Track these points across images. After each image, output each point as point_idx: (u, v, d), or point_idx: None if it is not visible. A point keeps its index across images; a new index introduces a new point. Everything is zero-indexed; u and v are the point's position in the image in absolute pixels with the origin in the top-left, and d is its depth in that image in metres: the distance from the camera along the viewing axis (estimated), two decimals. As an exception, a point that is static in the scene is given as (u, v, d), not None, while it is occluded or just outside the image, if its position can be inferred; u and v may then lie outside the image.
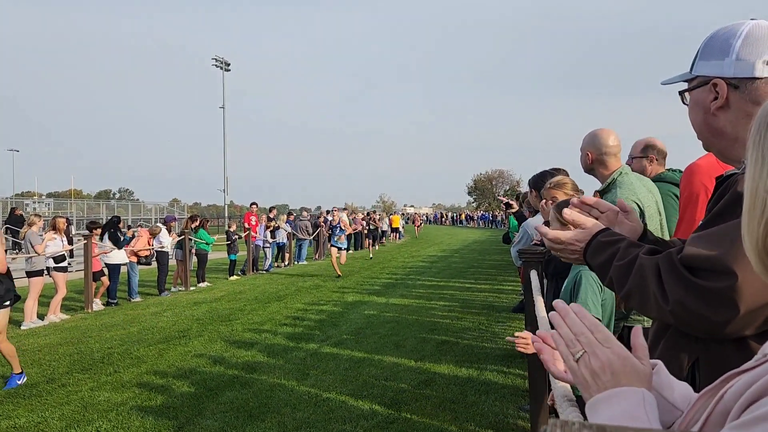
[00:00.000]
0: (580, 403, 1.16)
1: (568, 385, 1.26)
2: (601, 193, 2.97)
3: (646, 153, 3.68)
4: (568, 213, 1.46)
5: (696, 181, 2.27)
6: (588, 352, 0.78)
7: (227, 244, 15.75)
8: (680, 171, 3.55)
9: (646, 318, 2.70)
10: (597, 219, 1.50)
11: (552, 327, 0.88)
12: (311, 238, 20.93)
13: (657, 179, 3.39)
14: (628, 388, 0.74)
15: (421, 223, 47.08)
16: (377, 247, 26.86)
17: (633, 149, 3.78)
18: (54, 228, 9.70)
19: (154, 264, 13.40)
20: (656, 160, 3.63)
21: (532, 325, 4.13)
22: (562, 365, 0.88)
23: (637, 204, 2.74)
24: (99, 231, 10.94)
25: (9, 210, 21.79)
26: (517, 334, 2.54)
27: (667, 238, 2.71)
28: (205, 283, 13.82)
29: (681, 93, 1.37)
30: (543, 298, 3.14)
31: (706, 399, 0.73)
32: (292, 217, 19.88)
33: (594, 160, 2.96)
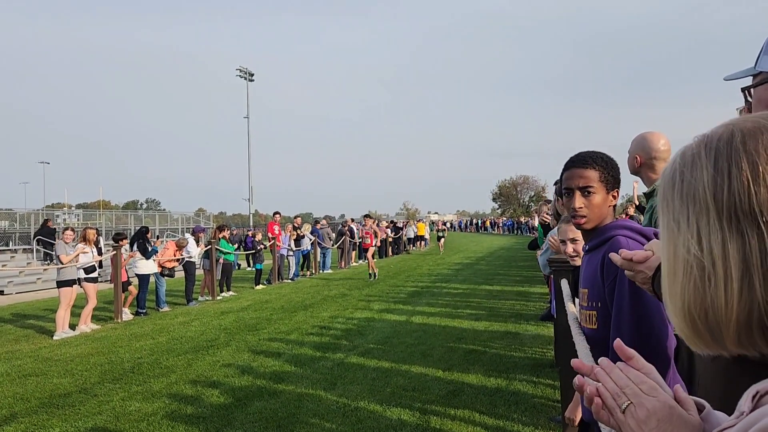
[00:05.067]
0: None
1: None
2: (648, 196, 2.91)
3: None
4: (617, 259, 1.42)
5: None
6: (634, 402, 0.78)
7: (252, 254, 15.85)
8: None
9: None
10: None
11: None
12: (336, 246, 21.00)
13: None
14: None
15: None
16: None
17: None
18: (84, 239, 9.88)
19: (178, 274, 13.57)
20: None
21: (563, 333, 4.07)
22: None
23: None
24: (125, 242, 11.11)
25: (42, 222, 22.29)
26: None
27: None
28: (230, 292, 13.93)
29: (744, 90, 1.31)
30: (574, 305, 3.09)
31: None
32: (318, 226, 19.98)
33: (642, 164, 2.89)
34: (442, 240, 30.19)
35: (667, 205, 0.69)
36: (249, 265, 21.27)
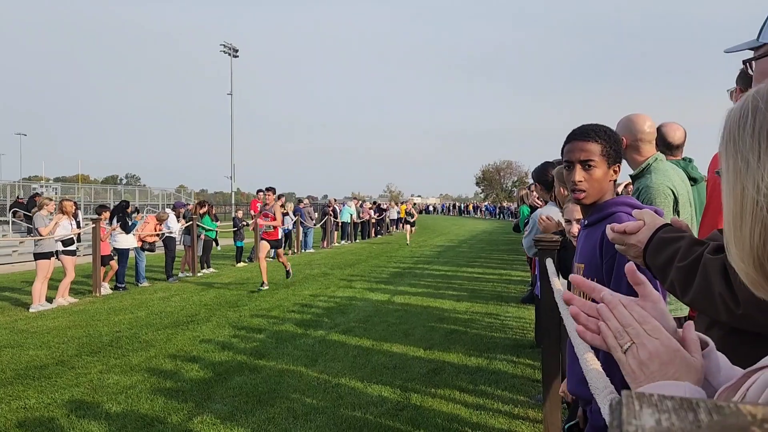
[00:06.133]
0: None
1: (602, 371, 1.22)
2: (634, 178, 2.91)
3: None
4: (615, 230, 1.38)
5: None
6: (636, 343, 0.77)
7: (234, 231, 15.74)
8: (691, 160, 3.47)
9: (681, 306, 2.64)
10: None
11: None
12: (318, 225, 20.95)
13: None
14: (672, 382, 0.72)
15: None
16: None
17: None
18: (61, 211, 9.71)
19: (159, 250, 13.45)
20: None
21: (546, 311, 4.09)
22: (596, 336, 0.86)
23: (672, 190, 2.69)
24: (107, 215, 10.95)
25: (30, 195, 22.03)
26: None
27: (696, 232, 2.64)
28: (210, 269, 13.83)
29: (746, 62, 1.29)
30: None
31: (727, 395, 0.71)
32: (302, 205, 19.87)
33: (628, 146, 2.89)
34: (411, 227, 23.56)
35: (734, 144, 0.66)
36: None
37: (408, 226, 23.51)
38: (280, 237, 10.96)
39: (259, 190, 17.68)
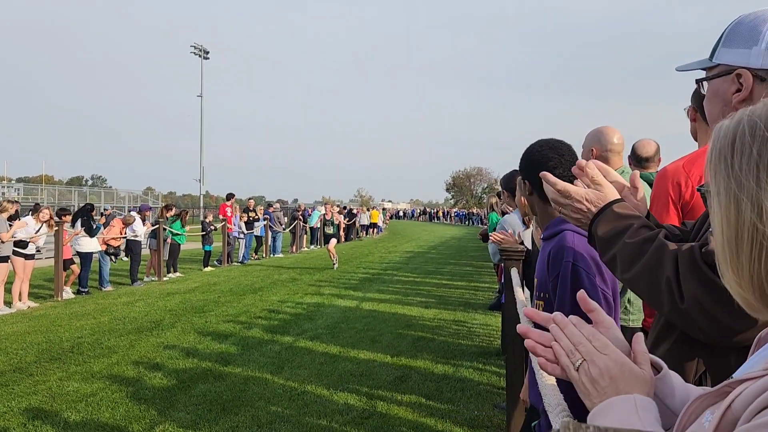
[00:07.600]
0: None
1: (558, 389, 1.23)
2: None
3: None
4: (592, 166, 1.31)
5: (660, 186, 2.27)
6: (587, 360, 0.79)
7: (202, 235, 15.55)
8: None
9: (632, 318, 2.69)
10: None
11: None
12: (288, 230, 20.81)
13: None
14: (619, 397, 0.74)
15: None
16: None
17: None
18: (38, 217, 9.53)
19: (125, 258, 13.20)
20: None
21: (510, 321, 4.14)
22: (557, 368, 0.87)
23: None
24: (68, 218, 10.72)
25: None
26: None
27: None
28: (177, 273, 13.63)
29: (699, 81, 1.29)
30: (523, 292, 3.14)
31: (701, 402, 0.71)
32: (271, 209, 19.71)
33: (597, 157, 2.95)
34: (332, 242, 15.25)
35: (727, 165, 0.63)
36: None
37: (332, 241, 15.36)
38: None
39: (230, 195, 17.51)
